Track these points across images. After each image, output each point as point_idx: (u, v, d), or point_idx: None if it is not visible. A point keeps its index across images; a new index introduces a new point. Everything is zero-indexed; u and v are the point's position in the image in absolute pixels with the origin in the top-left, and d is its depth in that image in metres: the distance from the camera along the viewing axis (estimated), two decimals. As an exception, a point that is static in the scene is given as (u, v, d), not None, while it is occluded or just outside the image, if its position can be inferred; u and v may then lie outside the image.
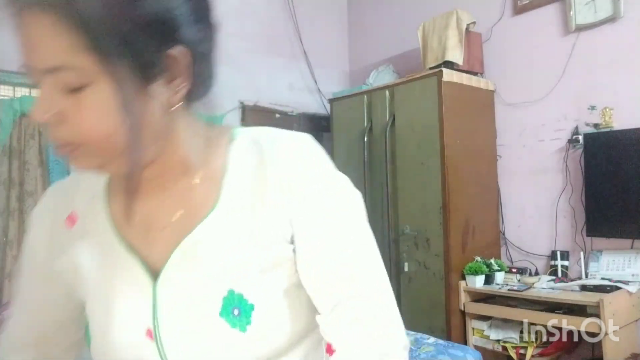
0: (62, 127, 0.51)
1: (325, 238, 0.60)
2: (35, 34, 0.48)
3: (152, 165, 0.59)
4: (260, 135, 0.63)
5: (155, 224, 0.62)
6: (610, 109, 2.53)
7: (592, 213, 2.55)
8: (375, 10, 3.90)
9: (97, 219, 0.65)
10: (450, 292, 2.69)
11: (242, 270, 0.59)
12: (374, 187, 3.11)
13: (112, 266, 0.63)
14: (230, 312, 0.59)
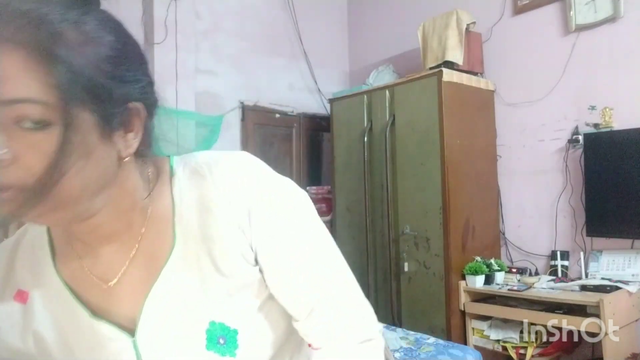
0: (10, 167, 0.46)
1: (285, 251, 0.61)
2: (4, 66, 0.45)
3: (99, 214, 0.56)
4: (197, 163, 0.62)
5: (114, 279, 0.60)
6: (610, 109, 2.53)
7: (592, 213, 2.55)
8: (375, 10, 3.90)
9: (50, 288, 0.61)
10: (450, 292, 2.69)
11: (215, 299, 0.60)
12: (374, 187, 3.11)
13: (82, 334, 0.60)
14: (217, 343, 0.60)
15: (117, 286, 0.60)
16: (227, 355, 0.60)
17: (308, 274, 0.62)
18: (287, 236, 0.61)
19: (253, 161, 0.62)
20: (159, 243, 0.60)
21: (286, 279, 0.62)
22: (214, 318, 0.60)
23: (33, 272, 0.63)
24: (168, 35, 3.04)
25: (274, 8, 3.66)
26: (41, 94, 0.46)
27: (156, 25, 3.05)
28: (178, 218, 0.60)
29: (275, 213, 0.60)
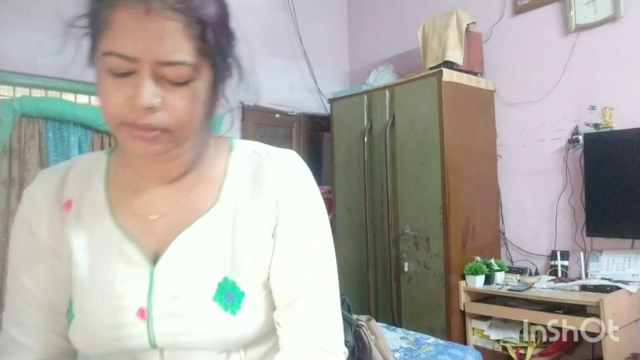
0: (160, 113, 0.59)
1: (296, 241, 0.70)
2: (167, 31, 0.57)
3: (178, 157, 0.68)
4: (257, 147, 0.74)
5: (155, 214, 0.69)
6: (610, 109, 2.53)
7: (592, 213, 2.55)
8: (375, 10, 3.90)
9: (94, 206, 0.70)
10: (450, 292, 2.69)
11: (236, 260, 0.67)
12: (374, 187, 3.11)
13: (108, 249, 0.67)
14: (224, 297, 0.65)
15: (156, 221, 0.69)
16: (228, 311, 0.65)
17: (307, 263, 0.70)
18: (302, 230, 0.70)
19: (303, 163, 0.75)
20: (204, 198, 0.69)
21: (289, 258, 0.69)
22: (229, 275, 0.67)
23: (83, 187, 0.71)
24: (168, 35, 3.04)
25: (274, 8, 3.66)
26: (192, 58, 0.59)
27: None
28: (227, 184, 0.70)
29: (303, 202, 0.71)
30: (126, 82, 0.58)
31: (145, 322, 0.64)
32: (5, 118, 2.46)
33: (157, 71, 0.58)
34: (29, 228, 0.70)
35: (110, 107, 0.59)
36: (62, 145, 2.69)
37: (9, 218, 2.49)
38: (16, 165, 2.54)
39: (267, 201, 0.69)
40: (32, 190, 0.72)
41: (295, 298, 0.68)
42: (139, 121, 0.59)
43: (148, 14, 0.57)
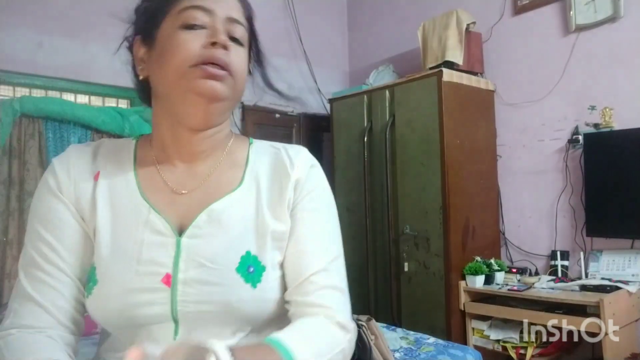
0: (230, 54, 0.70)
1: (311, 221, 0.76)
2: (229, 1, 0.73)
3: (213, 130, 0.75)
4: (273, 143, 0.83)
5: (181, 190, 0.74)
6: (610, 109, 2.53)
7: (592, 213, 2.55)
8: (375, 10, 3.90)
9: (123, 180, 0.75)
10: (450, 292, 2.69)
11: (259, 238, 0.73)
12: (374, 187, 3.10)
13: (135, 220, 0.72)
14: (246, 269, 0.70)
15: (181, 197, 0.74)
16: (249, 283, 0.70)
17: (321, 242, 0.76)
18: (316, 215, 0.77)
19: (312, 156, 0.83)
20: (228, 180, 0.76)
21: (304, 236, 0.75)
22: (252, 250, 0.72)
23: (112, 163, 0.76)
24: (168, 35, 3.04)
25: (274, 8, 3.66)
26: (244, 21, 0.75)
27: (156, 25, 3.05)
28: (249, 169, 0.78)
29: (318, 187, 0.79)
30: (201, 33, 0.69)
31: (170, 288, 0.67)
32: (5, 118, 2.46)
33: (225, 26, 0.70)
34: (58, 189, 0.73)
35: (186, 50, 0.67)
36: (62, 145, 2.69)
37: (8, 218, 2.49)
38: (16, 165, 2.54)
39: (287, 185, 0.76)
40: (65, 159, 0.75)
41: (308, 275, 0.72)
42: (218, 56, 0.68)
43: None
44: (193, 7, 0.69)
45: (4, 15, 2.61)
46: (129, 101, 3.19)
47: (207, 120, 0.73)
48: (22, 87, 2.76)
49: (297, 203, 0.76)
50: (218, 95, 0.69)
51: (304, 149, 0.83)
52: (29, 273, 0.70)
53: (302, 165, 0.78)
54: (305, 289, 0.72)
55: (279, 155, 0.79)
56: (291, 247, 0.75)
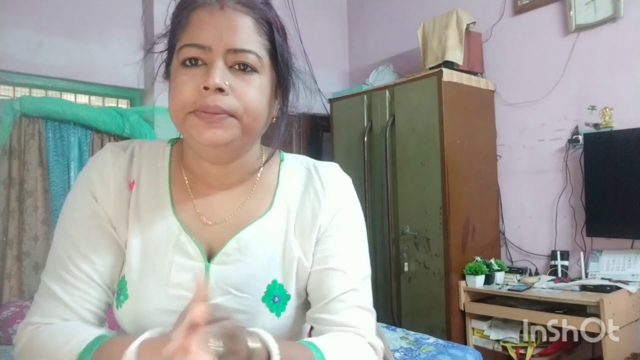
0: (229, 97, 0.64)
1: (341, 240, 0.75)
2: (239, 24, 0.66)
3: (239, 161, 0.72)
4: (304, 159, 0.81)
5: (212, 220, 0.73)
6: (610, 109, 2.53)
7: (592, 213, 2.55)
8: (375, 10, 3.90)
9: (157, 195, 0.73)
10: (450, 292, 2.69)
11: (286, 264, 0.72)
12: (374, 187, 3.10)
13: (166, 239, 0.71)
14: (272, 299, 0.70)
15: (212, 224, 0.73)
16: (274, 312, 0.70)
17: (351, 260, 0.75)
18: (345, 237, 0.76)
19: (344, 175, 0.81)
20: (258, 204, 0.75)
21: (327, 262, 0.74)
22: (278, 278, 0.72)
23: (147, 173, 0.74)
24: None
25: (274, 8, 3.66)
26: (260, 51, 0.67)
27: (156, 25, 3.05)
28: (280, 191, 0.76)
29: (352, 214, 0.78)
30: (198, 71, 0.65)
31: None
32: (5, 118, 2.46)
33: (228, 59, 0.65)
34: (94, 196, 0.72)
35: (181, 95, 0.64)
36: (62, 145, 2.69)
37: (8, 218, 2.49)
38: (16, 165, 2.54)
39: (318, 214, 0.74)
40: (102, 162, 0.73)
41: (338, 294, 0.72)
42: (209, 103, 0.63)
43: (222, 9, 0.65)
44: (189, 45, 0.65)
45: (4, 15, 2.61)
46: (129, 101, 3.19)
47: (222, 161, 0.71)
48: (22, 87, 2.76)
49: (330, 228, 0.75)
50: (218, 142, 0.65)
51: (335, 168, 0.80)
52: (58, 274, 0.70)
53: (335, 192, 0.76)
54: (334, 307, 0.72)
55: (311, 178, 0.77)
56: (319, 263, 0.74)
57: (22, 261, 2.51)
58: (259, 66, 0.67)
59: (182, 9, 0.69)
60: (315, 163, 0.80)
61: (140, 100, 3.17)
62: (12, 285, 2.48)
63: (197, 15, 0.66)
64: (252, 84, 0.66)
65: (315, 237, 0.74)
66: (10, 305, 2.35)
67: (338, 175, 0.79)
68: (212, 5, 0.66)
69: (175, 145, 0.79)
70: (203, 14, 0.66)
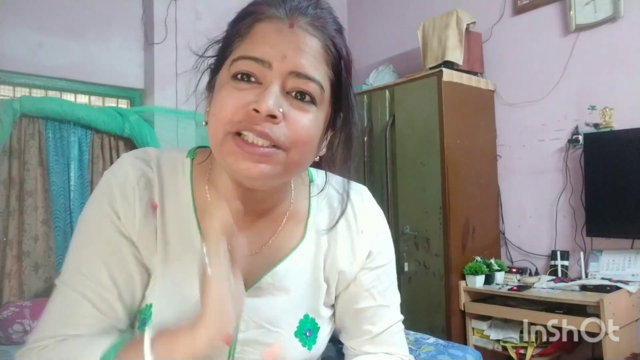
0: (280, 126, 0.57)
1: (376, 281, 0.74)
2: (307, 46, 0.58)
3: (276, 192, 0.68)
4: (333, 181, 0.75)
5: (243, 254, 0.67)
6: (610, 109, 2.53)
7: (592, 213, 2.55)
8: (375, 10, 3.89)
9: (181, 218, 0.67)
10: (450, 292, 2.69)
11: (317, 297, 0.71)
12: (374, 187, 3.10)
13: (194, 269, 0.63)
14: (304, 333, 0.69)
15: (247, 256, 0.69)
16: (306, 347, 0.69)
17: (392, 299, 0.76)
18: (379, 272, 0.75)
19: (375, 203, 0.77)
20: (292, 235, 0.71)
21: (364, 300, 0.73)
22: (309, 312, 0.70)
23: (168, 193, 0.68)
24: (168, 35, 3.04)
25: (274, 8, 3.66)
26: (323, 80, 0.60)
27: (156, 25, 3.05)
28: (312, 219, 0.72)
29: (387, 251, 0.76)
30: (250, 89, 0.57)
31: (229, 347, 0.66)
32: (5, 118, 2.46)
33: (287, 83, 0.57)
34: (116, 214, 0.65)
35: (226, 111, 0.56)
36: (62, 145, 2.69)
37: (8, 218, 2.49)
38: (16, 165, 2.54)
39: (355, 251, 0.72)
40: (123, 177, 0.66)
41: (382, 331, 0.74)
42: (257, 128, 0.55)
43: (292, 28, 0.58)
44: (245, 58, 0.57)
45: (4, 15, 2.61)
46: (129, 101, 3.20)
47: (257, 191, 0.65)
48: (22, 87, 2.76)
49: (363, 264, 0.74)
50: (254, 177, 0.57)
51: (367, 198, 0.76)
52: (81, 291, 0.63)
53: (368, 230, 0.73)
54: (381, 340, 0.74)
55: (343, 206, 0.73)
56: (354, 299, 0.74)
57: (22, 261, 2.51)
58: (319, 98, 0.60)
59: (244, 17, 0.61)
60: (347, 188, 0.74)
61: (140, 100, 3.17)
62: (12, 285, 2.48)
63: (261, 27, 0.59)
64: (308, 116, 0.59)
65: (349, 278, 0.73)
66: (10, 305, 2.35)
67: (371, 208, 0.76)
68: (281, 20, 0.58)
69: (196, 158, 0.71)
70: (269, 28, 0.58)
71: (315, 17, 0.60)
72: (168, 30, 3.04)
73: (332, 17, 0.64)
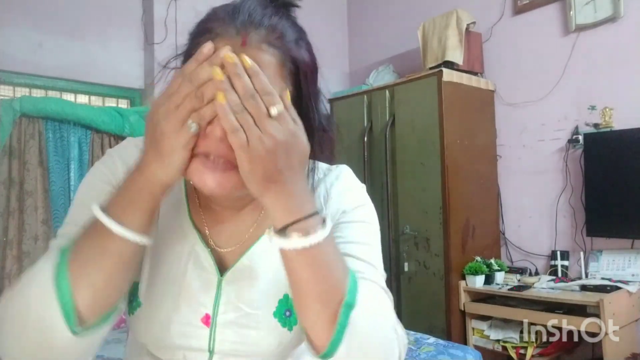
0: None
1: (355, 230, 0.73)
2: (261, 64, 0.56)
3: None
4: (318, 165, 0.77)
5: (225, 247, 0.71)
6: (610, 109, 2.53)
7: (592, 213, 2.55)
8: (375, 10, 3.90)
9: (173, 199, 0.70)
10: (450, 292, 2.69)
11: None
12: (374, 187, 3.10)
13: (181, 246, 0.69)
14: (283, 314, 0.69)
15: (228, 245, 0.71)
16: (286, 327, 0.68)
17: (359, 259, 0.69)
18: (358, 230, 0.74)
19: (352, 178, 0.81)
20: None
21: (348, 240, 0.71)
22: (289, 291, 0.66)
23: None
24: (168, 35, 3.04)
25: (274, 8, 3.66)
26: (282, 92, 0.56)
27: (156, 25, 3.05)
28: None
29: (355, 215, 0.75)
30: None
31: (209, 329, 0.67)
32: (5, 118, 2.46)
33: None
34: (115, 178, 0.67)
35: None
36: (62, 145, 2.69)
37: (8, 218, 2.49)
38: (16, 165, 2.54)
39: (330, 214, 0.71)
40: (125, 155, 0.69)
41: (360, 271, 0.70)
42: (219, 149, 0.55)
43: (244, 46, 0.57)
44: None
45: (4, 15, 2.61)
46: (129, 101, 3.20)
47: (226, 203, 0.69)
48: (22, 87, 2.76)
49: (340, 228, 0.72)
50: (214, 191, 0.57)
51: (342, 172, 0.78)
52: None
53: (336, 195, 0.74)
54: None
55: (318, 184, 0.75)
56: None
57: (22, 261, 2.51)
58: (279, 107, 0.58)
59: (200, 34, 0.62)
60: (325, 170, 0.78)
61: (140, 100, 3.17)
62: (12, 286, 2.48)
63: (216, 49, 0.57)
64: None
65: None
66: (10, 305, 2.35)
67: (345, 181, 0.77)
68: (232, 39, 0.58)
69: None
70: (221, 47, 0.57)
71: (270, 29, 0.59)
72: (168, 30, 3.04)
73: (290, 23, 0.63)
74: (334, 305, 0.56)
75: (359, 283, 0.60)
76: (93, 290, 0.56)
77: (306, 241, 0.54)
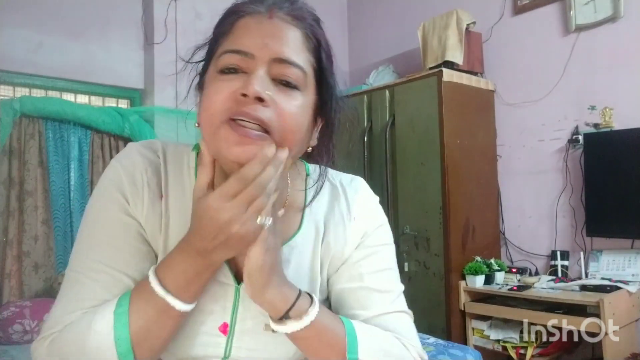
0: (268, 109, 0.59)
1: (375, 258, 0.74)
2: (287, 34, 0.62)
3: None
4: (328, 174, 0.78)
5: None
6: (610, 109, 2.53)
7: (592, 213, 2.55)
8: (375, 10, 3.90)
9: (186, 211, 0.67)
10: (450, 292, 2.69)
11: (313, 284, 0.72)
12: (374, 187, 3.08)
13: None
14: None
15: None
16: None
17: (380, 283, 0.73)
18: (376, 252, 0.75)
19: (370, 192, 0.82)
20: (289, 225, 0.72)
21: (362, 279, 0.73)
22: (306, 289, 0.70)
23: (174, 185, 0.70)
24: (168, 35, 3.04)
25: (274, 8, 3.65)
26: (306, 66, 0.63)
27: (156, 25, 3.05)
28: (308, 210, 0.74)
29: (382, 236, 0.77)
30: (236, 78, 0.59)
31: (227, 337, 0.68)
32: (5, 118, 2.46)
33: (271, 70, 0.60)
34: (125, 198, 0.66)
35: (215, 103, 0.59)
36: (62, 145, 2.69)
37: (8, 218, 2.49)
38: (16, 165, 2.54)
39: (347, 238, 0.73)
40: (131, 165, 0.67)
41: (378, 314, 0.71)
42: (247, 111, 0.57)
43: (271, 19, 0.62)
44: (229, 52, 0.60)
45: (4, 15, 2.61)
46: (129, 101, 3.20)
47: None
48: (22, 87, 2.76)
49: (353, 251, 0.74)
50: (247, 160, 0.57)
51: (361, 187, 0.80)
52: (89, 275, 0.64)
53: (360, 216, 0.75)
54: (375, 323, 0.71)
55: (337, 196, 0.76)
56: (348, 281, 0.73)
57: (22, 261, 2.51)
58: (302, 83, 0.62)
59: (227, 16, 0.65)
60: (341, 179, 0.79)
61: (140, 100, 3.17)
62: (12, 285, 2.49)
63: (243, 22, 0.62)
64: (294, 101, 0.61)
65: (339, 262, 0.73)
66: (10, 305, 2.35)
67: (364, 196, 0.79)
68: (260, 14, 0.62)
69: (199, 153, 0.72)
70: (249, 22, 0.62)
71: (293, 9, 0.65)
72: (168, 30, 3.04)
73: (309, 11, 0.68)
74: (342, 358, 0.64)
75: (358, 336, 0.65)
76: (151, 352, 0.62)
77: (307, 319, 0.61)
